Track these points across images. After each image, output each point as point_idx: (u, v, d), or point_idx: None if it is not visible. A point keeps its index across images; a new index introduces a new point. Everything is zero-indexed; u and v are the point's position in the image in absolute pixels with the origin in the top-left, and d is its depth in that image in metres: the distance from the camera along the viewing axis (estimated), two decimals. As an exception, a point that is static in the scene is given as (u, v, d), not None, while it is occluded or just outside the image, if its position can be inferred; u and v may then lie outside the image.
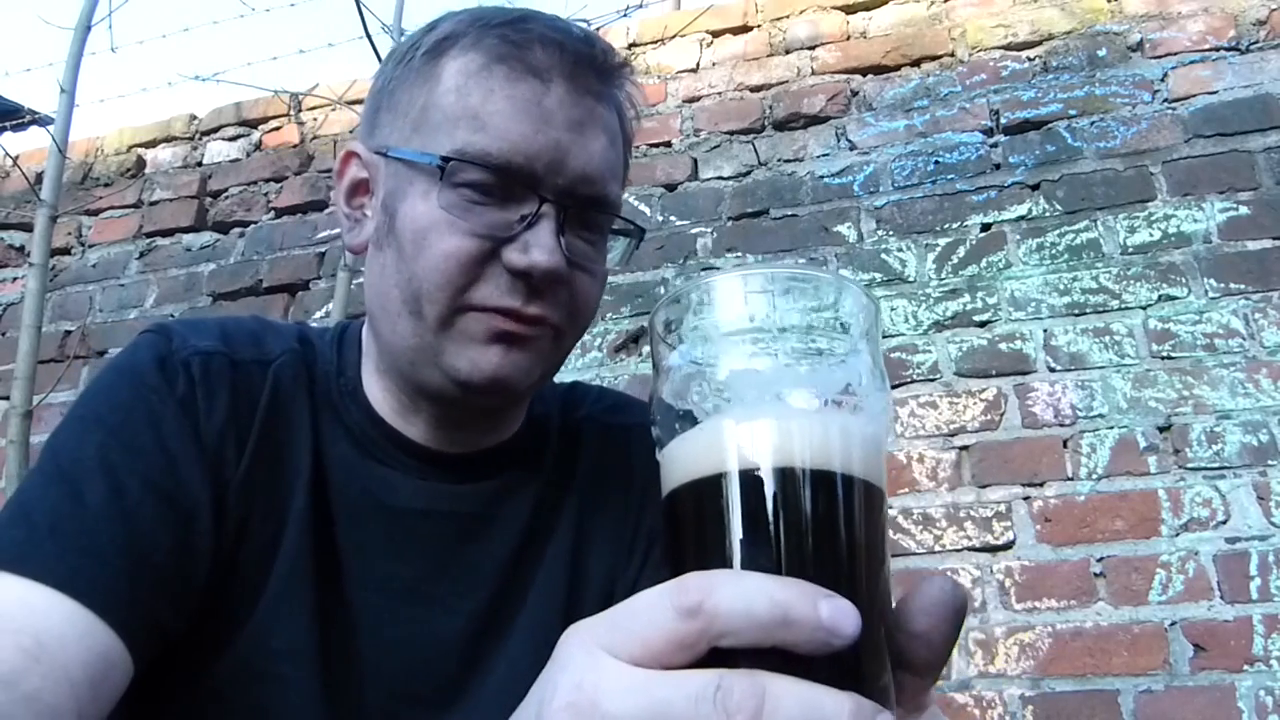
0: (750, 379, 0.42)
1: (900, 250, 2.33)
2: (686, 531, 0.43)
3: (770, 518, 0.40)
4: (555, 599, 0.81)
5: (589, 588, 0.82)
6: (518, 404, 0.84)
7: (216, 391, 0.73)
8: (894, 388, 2.21)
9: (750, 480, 0.40)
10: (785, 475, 0.40)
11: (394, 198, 0.75)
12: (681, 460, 0.43)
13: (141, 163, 3.12)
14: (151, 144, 3.13)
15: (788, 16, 2.67)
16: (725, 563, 0.40)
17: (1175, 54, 2.31)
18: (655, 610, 0.37)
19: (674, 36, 2.73)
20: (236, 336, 0.78)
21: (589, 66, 0.75)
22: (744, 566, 0.39)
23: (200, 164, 3.05)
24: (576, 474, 0.87)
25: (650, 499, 0.85)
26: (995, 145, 2.35)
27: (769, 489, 0.40)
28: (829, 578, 0.39)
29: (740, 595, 0.36)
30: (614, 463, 0.87)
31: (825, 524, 0.40)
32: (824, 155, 2.48)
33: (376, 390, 0.81)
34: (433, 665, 0.76)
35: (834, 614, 0.36)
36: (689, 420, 0.43)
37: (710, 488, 0.41)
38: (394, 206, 0.75)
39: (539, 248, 0.71)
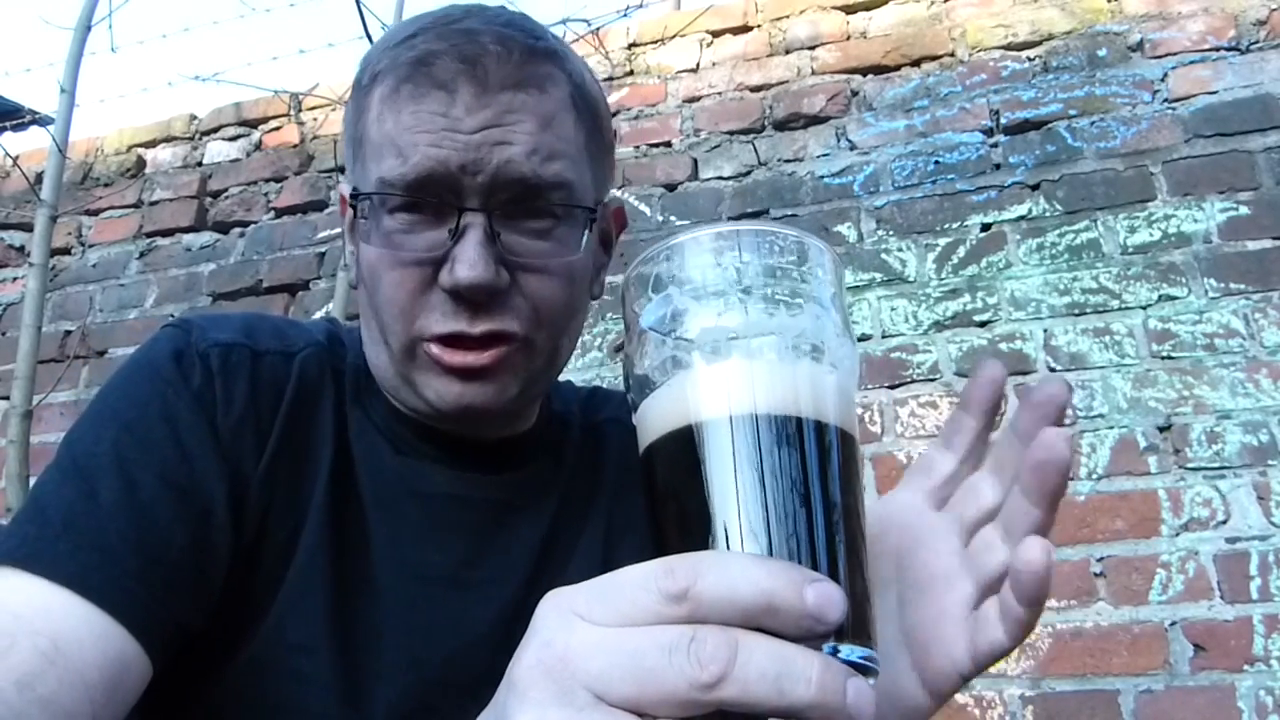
0: (719, 334, 0.43)
1: (900, 250, 2.33)
2: (663, 485, 0.44)
3: (743, 465, 0.41)
4: None
5: None
6: (514, 415, 0.82)
7: (235, 383, 0.72)
8: (894, 388, 2.21)
9: (722, 430, 0.41)
10: (757, 423, 0.41)
11: (357, 237, 0.77)
12: (655, 416, 0.44)
13: (141, 163, 3.12)
14: (151, 144, 3.13)
15: (788, 16, 2.67)
16: (703, 514, 0.41)
17: (1175, 54, 2.31)
18: (640, 590, 0.37)
19: (674, 36, 2.73)
20: (260, 329, 0.77)
21: (499, 57, 0.71)
22: (721, 518, 0.40)
23: (200, 164, 3.05)
24: (604, 471, 0.87)
25: None
26: (995, 145, 2.35)
27: (742, 437, 0.41)
28: (805, 526, 0.40)
29: (726, 582, 0.36)
30: None
31: (799, 470, 0.41)
32: (824, 155, 2.48)
33: None
34: (469, 653, 0.75)
35: (819, 601, 0.36)
36: (662, 378, 0.44)
37: (683, 440, 0.42)
38: (358, 245, 0.76)
39: (461, 262, 0.69)
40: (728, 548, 0.40)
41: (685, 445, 0.42)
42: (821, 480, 0.41)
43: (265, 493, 0.72)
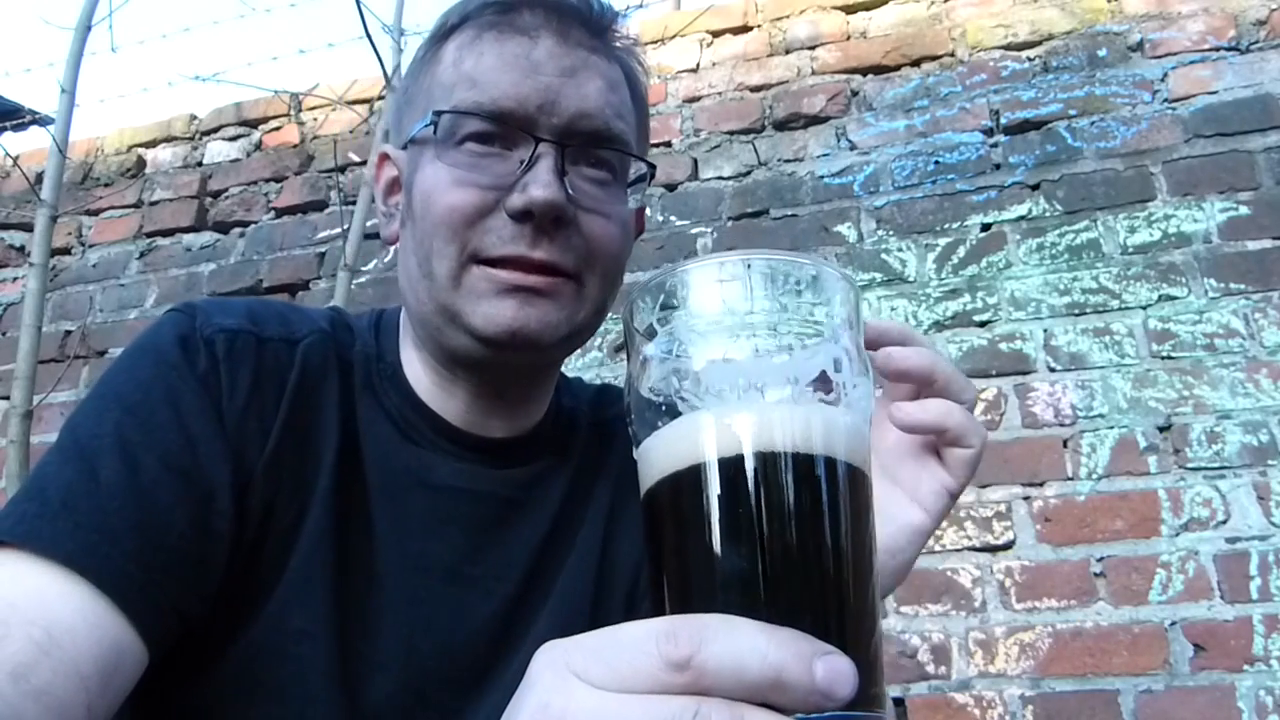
0: (727, 370, 0.40)
1: (900, 250, 2.32)
2: (664, 531, 0.42)
3: (750, 511, 0.38)
4: (584, 586, 0.82)
5: (616, 576, 0.83)
6: (549, 366, 0.85)
7: (240, 370, 0.72)
8: (894, 388, 2.21)
9: (729, 474, 0.39)
10: (765, 468, 0.39)
11: (412, 175, 0.78)
12: (658, 455, 0.42)
13: (141, 163, 3.12)
14: (151, 144, 3.13)
15: (788, 16, 2.67)
16: (706, 567, 0.38)
17: (1175, 54, 2.31)
18: (640, 654, 0.35)
19: (674, 36, 2.73)
20: (264, 315, 0.77)
21: (577, 23, 0.77)
22: (725, 565, 0.38)
23: (200, 164, 3.05)
24: (609, 467, 0.87)
25: None
26: (995, 145, 2.35)
27: (748, 483, 0.38)
28: (815, 587, 0.38)
29: (732, 653, 0.34)
30: None
31: (809, 523, 0.38)
32: (824, 155, 2.48)
33: (417, 369, 0.81)
34: (465, 646, 0.76)
35: (829, 676, 0.34)
36: (666, 415, 0.41)
37: (688, 482, 0.40)
38: (411, 182, 0.78)
39: (535, 184, 0.71)
40: (732, 606, 0.37)
41: (689, 491, 0.40)
42: (833, 535, 0.38)
43: (270, 480, 0.71)
